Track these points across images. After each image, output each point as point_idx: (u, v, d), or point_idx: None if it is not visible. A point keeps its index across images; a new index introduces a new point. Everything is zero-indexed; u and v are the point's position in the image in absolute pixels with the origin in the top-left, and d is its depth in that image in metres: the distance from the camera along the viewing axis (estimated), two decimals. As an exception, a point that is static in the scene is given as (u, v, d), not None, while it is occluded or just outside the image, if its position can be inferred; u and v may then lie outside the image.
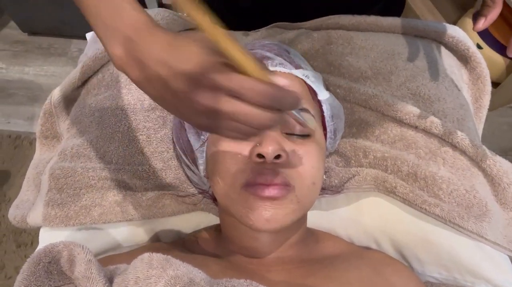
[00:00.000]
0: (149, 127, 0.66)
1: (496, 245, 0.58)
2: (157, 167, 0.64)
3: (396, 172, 0.62)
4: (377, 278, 0.51)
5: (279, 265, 0.51)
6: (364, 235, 0.64)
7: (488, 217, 0.58)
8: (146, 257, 0.39)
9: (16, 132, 1.54)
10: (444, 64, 0.73)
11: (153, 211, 0.61)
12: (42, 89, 1.66)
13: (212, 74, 0.31)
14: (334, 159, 0.65)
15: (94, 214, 0.60)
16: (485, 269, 0.59)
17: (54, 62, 1.73)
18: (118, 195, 0.61)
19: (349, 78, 0.70)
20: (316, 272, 0.50)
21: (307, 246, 0.56)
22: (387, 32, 0.76)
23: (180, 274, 0.37)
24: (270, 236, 0.52)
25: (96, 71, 0.73)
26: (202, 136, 0.54)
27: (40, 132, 0.75)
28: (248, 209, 0.45)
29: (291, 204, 0.46)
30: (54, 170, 0.63)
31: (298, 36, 0.76)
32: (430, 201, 0.58)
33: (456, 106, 0.68)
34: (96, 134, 0.66)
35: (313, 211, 0.64)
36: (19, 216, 0.65)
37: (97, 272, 0.37)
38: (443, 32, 0.75)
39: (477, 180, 0.61)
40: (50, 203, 0.61)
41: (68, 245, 0.39)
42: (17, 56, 1.74)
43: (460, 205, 0.59)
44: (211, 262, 0.50)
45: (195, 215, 0.65)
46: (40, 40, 1.77)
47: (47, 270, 0.39)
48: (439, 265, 0.61)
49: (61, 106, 0.73)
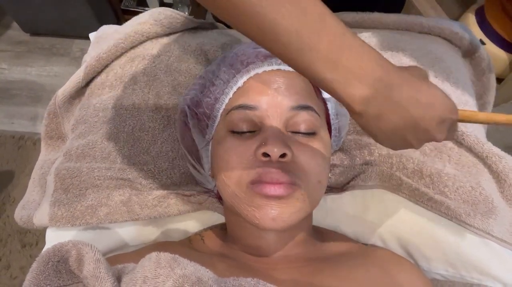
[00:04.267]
0: (154, 127, 0.66)
1: (503, 241, 0.58)
2: (162, 166, 0.64)
3: (402, 169, 0.62)
4: (384, 276, 0.51)
5: (285, 263, 0.51)
6: (369, 233, 0.64)
7: (495, 214, 0.57)
8: (154, 256, 0.39)
9: (20, 132, 1.54)
10: (449, 60, 0.72)
11: (158, 210, 0.61)
12: (45, 89, 1.66)
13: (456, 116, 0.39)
14: (339, 156, 0.65)
15: (100, 214, 0.60)
16: (492, 266, 0.59)
17: (57, 62, 1.73)
18: (124, 194, 0.62)
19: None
20: (322, 271, 0.50)
21: (313, 244, 0.56)
22: (391, 29, 0.76)
23: (188, 273, 0.37)
24: (276, 235, 0.52)
25: (100, 71, 0.73)
26: (207, 135, 0.54)
27: (45, 132, 0.75)
28: (254, 208, 0.45)
29: (297, 203, 0.46)
30: (59, 171, 0.63)
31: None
32: (436, 198, 0.58)
33: (461, 103, 0.68)
34: (101, 134, 0.66)
35: (319, 209, 0.64)
36: (25, 217, 0.65)
37: (106, 271, 0.37)
38: (447, 28, 0.74)
39: (483, 177, 0.61)
40: (56, 203, 0.61)
41: (77, 244, 0.39)
42: (20, 57, 1.74)
43: (466, 202, 0.59)
44: (218, 261, 0.50)
45: (200, 214, 0.65)
46: (43, 41, 1.78)
47: (56, 269, 0.39)
48: (445, 262, 0.61)
49: (65, 107, 0.74)
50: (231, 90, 0.51)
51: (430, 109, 0.36)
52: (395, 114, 0.35)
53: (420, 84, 0.36)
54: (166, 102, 0.68)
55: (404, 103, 0.35)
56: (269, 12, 0.31)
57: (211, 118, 0.52)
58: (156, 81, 0.70)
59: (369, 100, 0.34)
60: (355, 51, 0.33)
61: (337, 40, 0.32)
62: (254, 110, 0.48)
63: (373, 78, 0.33)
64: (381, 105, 0.34)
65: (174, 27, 0.75)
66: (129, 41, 0.73)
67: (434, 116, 0.37)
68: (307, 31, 0.32)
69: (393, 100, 0.34)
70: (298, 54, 0.32)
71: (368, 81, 0.33)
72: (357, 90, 0.33)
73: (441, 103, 0.37)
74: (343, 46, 0.33)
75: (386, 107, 0.35)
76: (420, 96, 0.36)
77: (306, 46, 0.32)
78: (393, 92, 0.34)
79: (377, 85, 0.34)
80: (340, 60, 0.33)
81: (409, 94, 0.35)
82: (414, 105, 0.35)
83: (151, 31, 0.74)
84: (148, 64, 0.71)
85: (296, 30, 0.31)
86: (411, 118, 0.36)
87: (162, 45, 0.74)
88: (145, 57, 0.72)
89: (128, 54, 0.74)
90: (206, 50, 0.73)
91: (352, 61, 0.33)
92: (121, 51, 0.73)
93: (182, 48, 0.73)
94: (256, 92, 0.49)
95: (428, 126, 0.37)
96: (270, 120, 0.48)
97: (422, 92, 0.36)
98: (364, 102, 0.34)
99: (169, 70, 0.71)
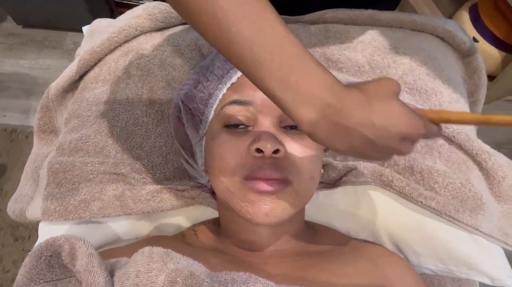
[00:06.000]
0: (147, 122, 0.66)
1: (491, 237, 0.59)
2: (156, 161, 0.64)
3: (393, 165, 0.62)
4: (374, 271, 0.52)
5: (277, 258, 0.52)
6: (361, 228, 0.65)
7: (483, 210, 0.58)
8: (146, 250, 0.40)
9: (12, 125, 1.53)
10: (440, 58, 0.73)
11: (152, 205, 0.62)
12: (38, 82, 1.65)
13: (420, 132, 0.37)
14: (331, 153, 0.66)
15: (93, 208, 0.60)
16: (480, 261, 0.60)
17: (49, 55, 1.72)
18: (117, 189, 0.62)
19: (347, 72, 0.70)
20: (314, 265, 0.50)
21: (305, 239, 0.56)
22: (384, 26, 0.76)
23: (181, 267, 0.38)
24: (268, 230, 0.53)
25: (93, 65, 0.73)
26: (201, 130, 0.54)
27: (38, 126, 0.75)
28: (247, 203, 0.46)
29: (289, 198, 0.46)
30: (52, 165, 0.63)
31: (295, 30, 0.76)
32: (426, 194, 0.59)
33: (452, 100, 0.68)
34: (94, 129, 0.66)
35: (311, 205, 0.64)
36: (18, 210, 0.65)
37: (99, 266, 0.38)
38: (440, 26, 0.75)
39: (472, 173, 0.62)
40: (49, 197, 0.61)
41: (69, 239, 0.40)
42: (12, 49, 1.72)
43: (455, 198, 0.60)
44: (210, 256, 0.51)
45: (193, 209, 0.65)
46: (35, 33, 1.76)
47: (49, 263, 0.39)
48: (434, 257, 0.62)
49: (58, 100, 0.73)
50: (225, 86, 0.51)
51: (387, 129, 0.35)
52: (349, 137, 0.34)
53: (377, 106, 0.35)
54: (160, 96, 0.68)
55: (358, 127, 0.34)
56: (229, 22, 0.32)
57: (205, 113, 0.53)
58: (150, 76, 0.69)
59: (317, 124, 0.33)
60: (307, 74, 0.33)
61: (291, 60, 0.33)
62: (247, 105, 0.48)
63: (322, 103, 0.33)
64: (330, 129, 0.34)
65: (168, 21, 0.75)
66: (122, 35, 0.73)
67: (394, 135, 0.35)
68: (261, 47, 0.32)
69: (343, 125, 0.34)
70: (251, 67, 0.33)
71: (316, 105, 0.33)
72: (305, 113, 0.33)
73: (401, 121, 0.35)
74: (295, 67, 0.33)
75: (337, 131, 0.34)
76: (375, 118, 0.34)
77: (257, 61, 0.32)
78: (343, 118, 0.33)
79: (325, 111, 0.33)
80: (290, 81, 0.33)
81: (362, 117, 0.34)
82: (369, 127, 0.34)
83: (145, 25, 0.74)
84: (142, 58, 0.71)
85: (250, 46, 0.32)
86: (367, 139, 0.35)
87: (156, 40, 0.74)
88: (139, 51, 0.72)
89: (121, 48, 0.74)
90: (201, 45, 0.73)
91: (301, 84, 0.33)
92: (114, 45, 0.73)
93: (176, 42, 0.73)
94: (250, 88, 0.49)
95: (388, 144, 0.35)
96: (263, 115, 0.48)
97: (378, 113, 0.34)
98: (312, 126, 0.34)
99: (163, 64, 0.70)
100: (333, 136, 0.34)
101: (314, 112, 0.33)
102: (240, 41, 0.32)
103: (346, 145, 0.35)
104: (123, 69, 0.71)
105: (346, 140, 0.35)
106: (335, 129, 0.34)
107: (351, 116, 0.33)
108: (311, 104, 0.33)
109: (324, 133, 0.34)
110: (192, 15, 0.34)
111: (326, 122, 0.33)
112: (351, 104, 0.34)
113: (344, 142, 0.35)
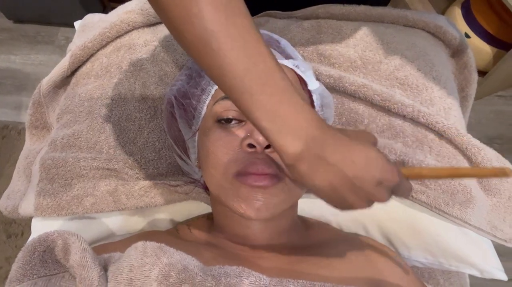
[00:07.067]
0: (140, 117, 0.66)
1: (480, 230, 0.60)
2: (149, 157, 0.64)
3: (384, 160, 0.63)
4: (365, 264, 0.52)
5: (270, 252, 0.52)
6: (353, 222, 0.66)
7: (472, 204, 0.59)
8: (140, 245, 0.40)
9: (4, 121, 1.52)
10: (432, 53, 0.74)
11: (145, 200, 0.62)
12: (29, 77, 1.63)
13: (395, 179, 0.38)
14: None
15: (86, 204, 0.60)
16: (469, 253, 0.61)
17: (41, 50, 1.70)
18: (110, 185, 0.62)
19: (339, 68, 0.70)
20: (307, 259, 0.51)
21: (297, 233, 0.57)
22: (376, 21, 0.77)
23: (174, 261, 0.38)
24: (261, 224, 0.53)
25: (85, 60, 0.73)
26: (193, 126, 0.54)
27: (30, 122, 0.74)
28: (239, 198, 0.46)
29: (281, 193, 0.47)
30: (45, 161, 0.63)
31: (288, 25, 0.76)
32: (416, 188, 0.60)
33: (443, 95, 0.69)
34: (86, 124, 0.66)
35: (304, 199, 0.65)
36: (10, 207, 0.65)
37: (92, 261, 0.38)
38: (432, 22, 0.75)
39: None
40: (42, 193, 0.61)
41: (63, 234, 0.40)
42: (3, 44, 1.70)
43: (445, 192, 0.60)
44: (204, 250, 0.51)
45: (187, 204, 0.65)
46: (27, 28, 1.74)
47: (42, 259, 0.39)
48: (425, 250, 0.63)
49: (50, 96, 0.73)
50: (218, 81, 0.51)
51: (366, 170, 0.36)
52: (329, 172, 0.35)
53: (357, 146, 0.36)
54: (153, 92, 0.68)
55: (338, 163, 0.35)
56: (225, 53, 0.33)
57: (198, 109, 0.53)
58: (142, 71, 0.69)
59: (301, 155, 0.35)
60: (294, 107, 0.34)
61: (279, 94, 0.34)
62: None
63: (307, 135, 0.34)
64: (312, 162, 0.35)
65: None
66: (114, 30, 0.72)
67: (371, 177, 0.36)
68: (253, 79, 0.33)
69: (325, 159, 0.35)
70: (240, 97, 0.34)
71: (302, 137, 0.34)
72: (290, 144, 0.34)
73: (379, 164, 0.37)
74: (283, 100, 0.34)
75: (319, 165, 0.35)
76: (355, 156, 0.36)
77: (248, 92, 0.34)
78: (325, 152, 0.35)
79: (310, 143, 0.34)
80: (278, 112, 0.34)
81: (343, 155, 0.35)
82: (349, 165, 0.35)
83: (137, 20, 0.73)
84: (134, 54, 0.71)
85: (242, 77, 0.33)
86: (346, 177, 0.36)
87: (149, 35, 0.74)
88: (131, 46, 0.72)
89: (114, 44, 0.73)
90: (193, 40, 0.73)
91: (289, 116, 0.34)
92: (106, 40, 0.73)
93: (169, 38, 0.73)
94: None
95: (365, 186, 0.37)
96: (256, 111, 0.48)
97: (358, 154, 0.36)
98: (295, 157, 0.35)
99: (156, 60, 0.70)
100: (314, 171, 0.36)
101: (299, 144, 0.34)
102: (233, 71, 0.33)
103: (326, 182, 0.36)
104: (115, 64, 0.70)
105: (326, 176, 0.36)
106: (316, 163, 0.35)
107: (334, 152, 0.35)
108: (297, 135, 0.34)
109: (305, 166, 0.35)
110: (184, 41, 0.34)
111: (309, 155, 0.35)
112: (335, 140, 0.35)
113: (324, 178, 0.36)
